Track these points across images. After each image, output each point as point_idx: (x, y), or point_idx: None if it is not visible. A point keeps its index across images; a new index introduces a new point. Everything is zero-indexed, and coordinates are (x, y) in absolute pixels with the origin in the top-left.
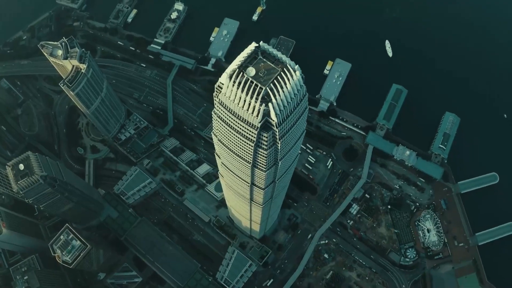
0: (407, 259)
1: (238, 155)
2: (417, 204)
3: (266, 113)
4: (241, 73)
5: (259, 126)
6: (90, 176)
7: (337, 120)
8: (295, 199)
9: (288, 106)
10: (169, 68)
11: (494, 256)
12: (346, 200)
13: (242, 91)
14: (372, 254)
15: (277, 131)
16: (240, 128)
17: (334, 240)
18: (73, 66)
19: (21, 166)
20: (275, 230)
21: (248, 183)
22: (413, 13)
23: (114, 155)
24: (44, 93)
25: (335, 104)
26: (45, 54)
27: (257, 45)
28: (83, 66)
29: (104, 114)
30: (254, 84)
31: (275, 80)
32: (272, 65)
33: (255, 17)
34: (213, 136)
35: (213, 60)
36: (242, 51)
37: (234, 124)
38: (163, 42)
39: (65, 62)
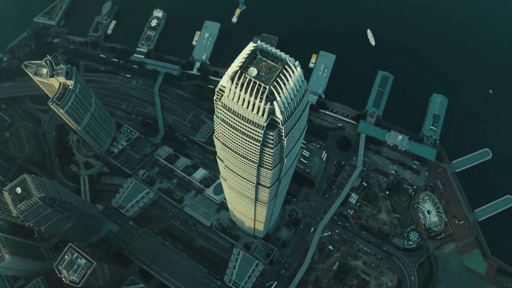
0: (411, 242)
1: (243, 156)
2: (415, 187)
3: (271, 112)
4: (243, 74)
5: (265, 125)
6: (86, 192)
7: (327, 112)
8: (294, 195)
9: (292, 103)
10: (154, 76)
11: (495, 230)
12: (344, 190)
13: (246, 92)
14: (375, 241)
15: (283, 128)
16: (246, 129)
17: (337, 231)
18: (60, 83)
19: (18, 190)
20: (277, 227)
21: (254, 183)
22: (392, 1)
23: (108, 169)
24: (30, 114)
25: (323, 96)
26: (30, 74)
27: (256, 44)
28: (70, 83)
29: (95, 129)
30: (257, 84)
31: (278, 78)
32: (273, 63)
33: (234, 19)
34: (216, 140)
35: (197, 64)
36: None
37: (239, 125)
38: (145, 50)
39: (51, 80)
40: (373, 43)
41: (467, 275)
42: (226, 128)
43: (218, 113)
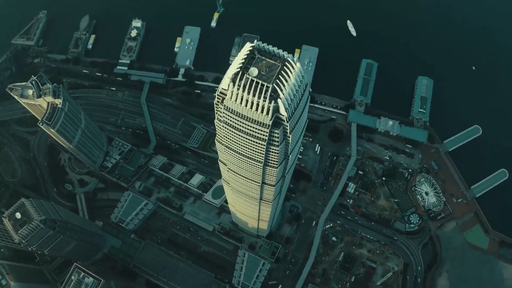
0: (412, 225)
1: (248, 157)
2: (410, 170)
3: (275, 110)
4: (244, 75)
5: (270, 124)
6: (84, 210)
7: (316, 105)
8: (292, 190)
9: (294, 99)
10: (140, 87)
11: (493, 204)
12: (341, 181)
13: (249, 92)
14: (377, 227)
15: (288, 125)
16: (251, 130)
17: (339, 222)
18: (48, 102)
19: (18, 215)
20: (279, 225)
21: (259, 183)
22: None
23: (104, 185)
24: (18, 137)
25: (310, 89)
26: (15, 97)
27: (253, 44)
28: (58, 101)
29: (87, 145)
30: (260, 83)
31: (279, 76)
32: (272, 61)
33: (213, 24)
34: (218, 144)
35: (182, 70)
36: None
37: (243, 127)
38: (128, 62)
39: (39, 101)
40: (354, 33)
41: (471, 251)
42: (229, 130)
43: (221, 116)
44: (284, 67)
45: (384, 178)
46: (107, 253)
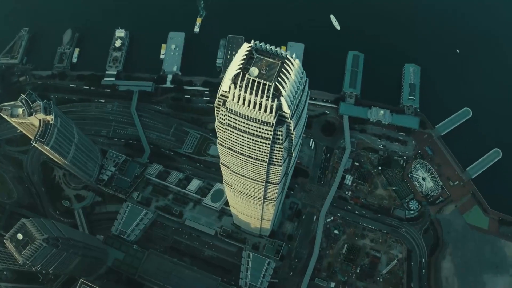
0: (412, 211)
1: (253, 157)
2: (405, 157)
3: (278, 108)
4: (245, 75)
5: (274, 122)
6: (83, 225)
7: None
8: (290, 187)
9: (296, 95)
10: (129, 97)
11: (489, 184)
12: (338, 174)
13: (251, 93)
14: (378, 217)
15: (291, 122)
16: (255, 130)
17: (339, 215)
18: (40, 120)
19: (20, 236)
20: (281, 223)
21: (263, 182)
22: None
23: (101, 198)
24: (10, 157)
25: None
26: (5, 117)
27: (250, 45)
28: (50, 118)
29: (81, 160)
30: (262, 83)
31: (280, 73)
32: (271, 60)
33: (196, 29)
34: (220, 147)
35: (170, 77)
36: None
37: (247, 127)
38: (115, 72)
39: (30, 119)
40: (338, 27)
41: (472, 232)
42: (232, 132)
43: (223, 119)
44: (284, 64)
45: (380, 168)
46: (111, 266)
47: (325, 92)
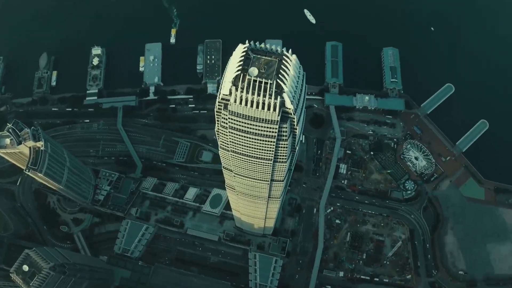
0: (409, 192)
1: (258, 157)
2: (395, 139)
3: (281, 104)
4: (244, 76)
5: (278, 119)
6: (85, 249)
7: None
8: None
9: (297, 90)
10: (113, 114)
11: (480, 155)
12: (332, 164)
13: (253, 93)
14: (376, 201)
15: (294, 117)
16: (259, 129)
17: (338, 204)
18: (30, 147)
19: (25, 267)
20: (282, 219)
21: (268, 181)
22: None
23: (99, 218)
24: (1, 189)
25: None
26: None
27: (245, 46)
28: (40, 144)
29: (75, 183)
30: (263, 82)
31: (281, 70)
32: (268, 58)
33: (172, 40)
34: (223, 151)
35: (152, 88)
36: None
37: (251, 128)
38: (96, 91)
39: (20, 148)
40: (313, 21)
41: (470, 204)
42: (236, 135)
43: (225, 122)
44: (282, 61)
45: (372, 153)
46: (119, 285)
47: (309, 85)
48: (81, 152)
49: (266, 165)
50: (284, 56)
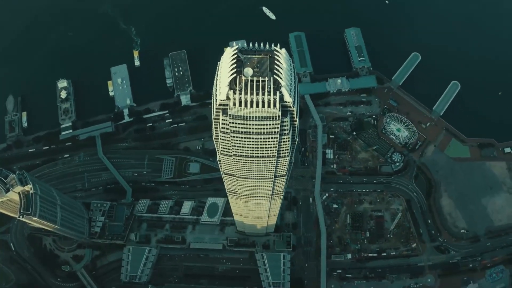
0: (397, 164)
1: (262, 156)
2: (374, 116)
3: (280, 99)
4: (240, 78)
5: (280, 115)
6: (91, 284)
7: None
8: None
9: (292, 82)
10: (92, 143)
11: (458, 115)
12: (318, 152)
13: (252, 93)
14: (368, 179)
15: (294, 110)
16: (262, 128)
17: (332, 189)
18: (19, 193)
19: None
20: (281, 215)
21: (271, 178)
22: None
23: (99, 251)
24: None
25: None
26: None
27: (235, 48)
28: (29, 187)
29: (70, 220)
30: (260, 80)
31: (274, 66)
32: (259, 56)
33: (137, 63)
34: (222, 157)
35: (126, 111)
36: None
37: (254, 128)
38: (70, 124)
39: (9, 195)
40: (273, 17)
41: (458, 164)
42: (238, 138)
43: (225, 127)
44: (274, 56)
45: (354, 133)
46: None
47: None
48: (68, 188)
49: (270, 163)
50: (274, 51)
